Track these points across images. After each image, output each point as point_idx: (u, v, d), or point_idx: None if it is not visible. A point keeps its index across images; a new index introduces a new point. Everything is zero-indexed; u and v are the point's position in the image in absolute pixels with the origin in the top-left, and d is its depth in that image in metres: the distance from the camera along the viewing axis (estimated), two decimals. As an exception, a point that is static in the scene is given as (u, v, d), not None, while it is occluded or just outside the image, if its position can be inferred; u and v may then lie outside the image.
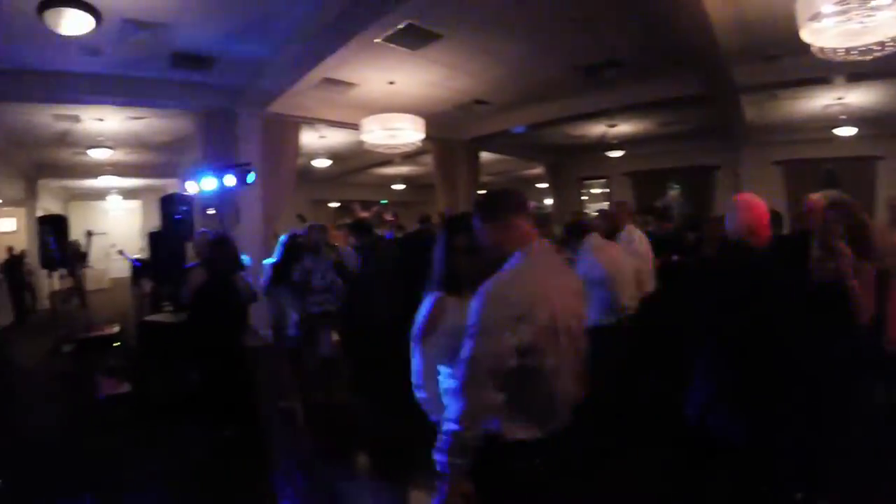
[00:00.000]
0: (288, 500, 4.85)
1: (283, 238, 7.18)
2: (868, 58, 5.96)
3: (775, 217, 5.48)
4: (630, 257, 6.05)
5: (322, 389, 7.04)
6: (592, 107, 11.75)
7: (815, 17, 5.49)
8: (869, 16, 5.39)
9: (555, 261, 2.69)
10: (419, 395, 2.78)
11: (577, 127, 14.16)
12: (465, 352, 2.33)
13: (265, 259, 7.52)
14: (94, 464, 5.33)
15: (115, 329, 9.64)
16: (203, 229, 8.73)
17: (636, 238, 6.78)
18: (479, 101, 11.32)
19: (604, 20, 7.63)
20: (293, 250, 6.98)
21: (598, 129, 14.27)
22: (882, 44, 5.76)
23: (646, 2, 6.77)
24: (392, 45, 7.87)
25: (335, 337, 7.31)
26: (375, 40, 7.55)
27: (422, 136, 9.98)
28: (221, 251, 5.41)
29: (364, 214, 9.71)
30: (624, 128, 14.25)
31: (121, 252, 11.10)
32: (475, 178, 15.09)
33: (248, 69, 8.83)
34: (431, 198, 15.66)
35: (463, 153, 14.49)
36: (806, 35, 5.80)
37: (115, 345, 9.15)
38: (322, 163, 15.50)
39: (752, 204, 3.67)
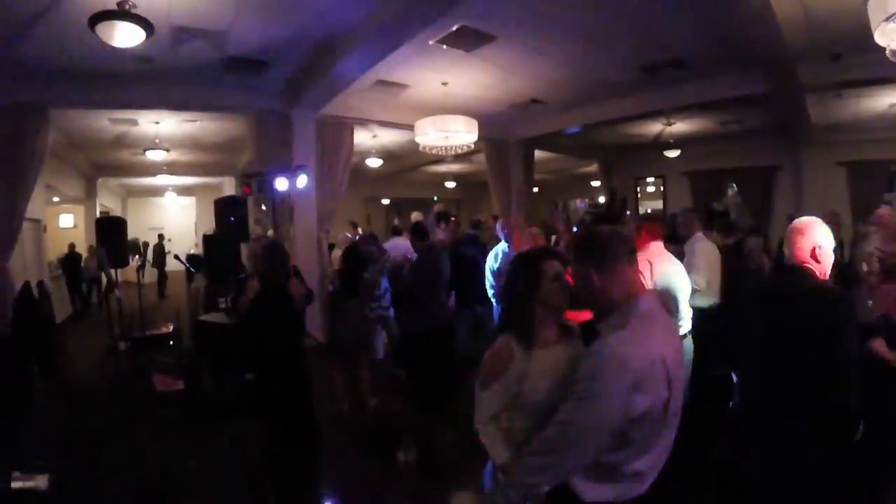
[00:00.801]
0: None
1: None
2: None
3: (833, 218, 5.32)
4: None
5: (375, 394, 7.06)
6: (650, 106, 11.47)
7: (891, 17, 5.27)
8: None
9: (665, 317, 2.38)
10: (481, 437, 2.59)
11: (633, 125, 13.90)
12: (565, 414, 2.14)
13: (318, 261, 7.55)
14: (146, 459, 5.42)
15: (170, 328, 9.79)
16: (257, 232, 8.78)
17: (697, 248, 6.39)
18: (535, 101, 11.16)
19: (665, 19, 7.41)
20: (356, 260, 7.09)
21: (654, 127, 14.01)
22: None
23: (707, 1, 6.56)
24: (445, 47, 7.77)
25: (385, 341, 7.35)
26: (429, 42, 7.48)
27: (475, 137, 9.81)
28: (273, 260, 5.38)
29: (418, 218, 9.61)
30: (681, 126, 13.93)
31: (176, 257, 11.19)
32: (529, 178, 14.93)
33: (302, 72, 8.86)
34: (484, 195, 15.57)
35: (516, 152, 14.38)
36: (879, 37, 5.57)
37: (170, 343, 9.28)
38: (375, 162, 15.65)
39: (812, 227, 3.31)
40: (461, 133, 9.52)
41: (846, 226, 10.08)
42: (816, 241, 3.19)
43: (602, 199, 19.51)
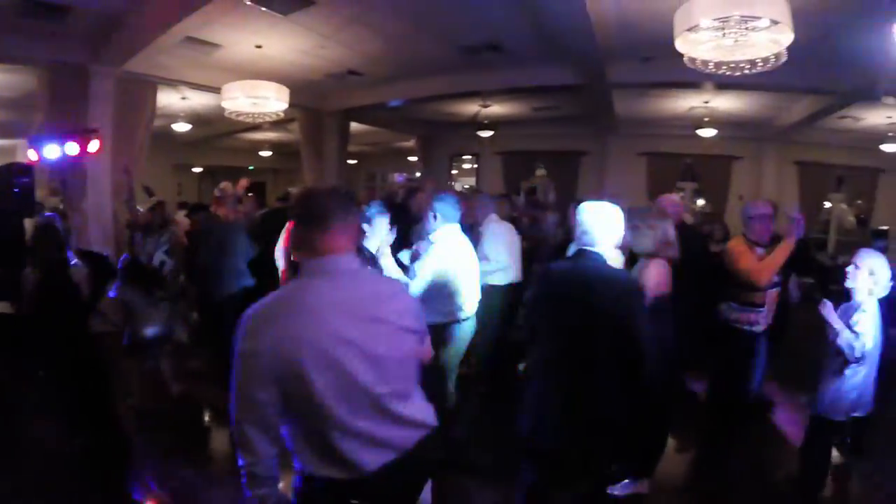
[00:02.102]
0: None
1: None
2: (737, 73, 6.19)
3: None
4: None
5: (177, 381, 6.58)
6: (468, 87, 11.69)
7: (693, 28, 5.61)
8: (744, 35, 5.57)
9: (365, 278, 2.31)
10: None
11: (451, 104, 14.10)
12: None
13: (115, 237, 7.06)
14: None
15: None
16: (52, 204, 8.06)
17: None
18: (352, 72, 10.96)
19: (485, 3, 7.54)
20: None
21: (471, 107, 14.25)
22: (753, 63, 6.00)
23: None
24: (262, 8, 7.40)
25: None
26: (245, 1, 7.09)
27: (285, 105, 9.49)
28: (46, 242, 4.91)
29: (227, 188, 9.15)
30: (497, 108, 14.26)
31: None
32: (344, 149, 14.81)
33: (107, 21, 8.00)
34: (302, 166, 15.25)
35: (332, 123, 14.12)
36: (680, 44, 5.93)
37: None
38: (182, 127, 14.66)
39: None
40: (271, 100, 9.15)
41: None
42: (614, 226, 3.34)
43: (418, 174, 19.72)
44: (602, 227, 3.30)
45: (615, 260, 3.84)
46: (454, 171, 20.24)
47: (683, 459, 5.45)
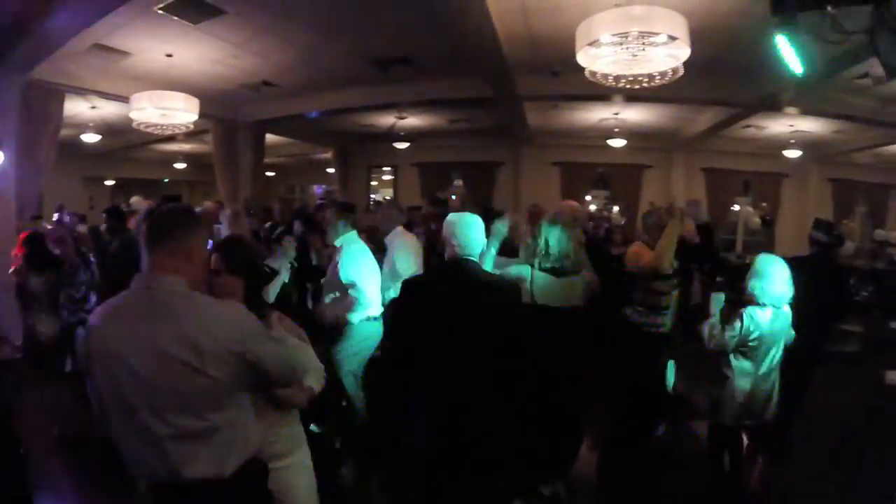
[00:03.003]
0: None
1: None
2: (636, 86, 6.44)
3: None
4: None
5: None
6: (383, 99, 11.81)
7: (594, 43, 5.81)
8: (642, 50, 5.80)
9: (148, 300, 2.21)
10: None
11: (368, 116, 14.22)
12: None
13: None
14: None
15: None
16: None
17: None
18: (266, 83, 10.93)
19: (394, 16, 7.67)
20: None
21: (388, 119, 14.35)
22: (651, 76, 6.25)
23: (432, 5, 6.80)
24: (172, 16, 7.33)
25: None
26: (155, 8, 6.97)
27: (195, 116, 9.37)
28: None
29: (139, 203, 8.93)
30: (413, 120, 14.43)
31: None
32: (260, 161, 14.54)
33: (13, 24, 7.71)
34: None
35: (247, 135, 13.82)
36: (582, 58, 6.14)
37: None
38: (91, 137, 14.03)
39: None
40: (180, 111, 9.03)
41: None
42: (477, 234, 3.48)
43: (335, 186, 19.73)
44: (470, 236, 3.40)
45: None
46: (373, 183, 20.32)
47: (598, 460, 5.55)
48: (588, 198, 17.51)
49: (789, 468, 5.38)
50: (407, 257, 6.21)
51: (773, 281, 4.15)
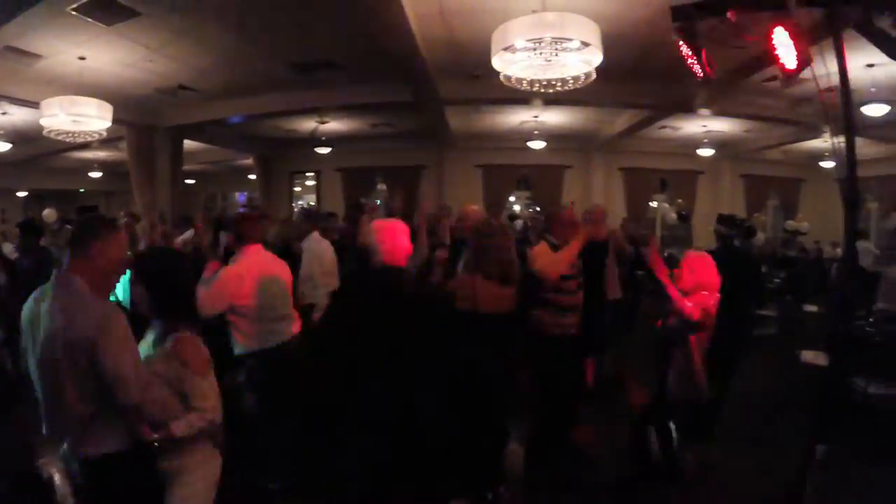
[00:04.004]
0: None
1: None
2: (550, 91, 6.58)
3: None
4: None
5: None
6: (304, 104, 11.86)
7: (509, 48, 5.91)
8: (556, 55, 5.92)
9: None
10: None
11: (289, 121, 14.14)
12: None
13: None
14: None
15: None
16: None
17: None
18: (183, 87, 10.72)
19: (312, 20, 7.68)
20: None
21: (310, 124, 14.31)
22: (564, 81, 6.40)
23: (350, 9, 6.87)
24: (85, 18, 7.13)
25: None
26: (68, 9, 6.79)
27: (108, 123, 9.08)
28: None
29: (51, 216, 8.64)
30: (335, 125, 14.44)
31: None
32: (178, 168, 14.12)
33: None
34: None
35: (164, 141, 13.41)
36: (497, 63, 6.24)
37: None
38: (1, 146, 13.43)
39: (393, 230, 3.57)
40: (93, 118, 8.74)
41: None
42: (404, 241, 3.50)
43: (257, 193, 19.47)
44: (393, 243, 3.43)
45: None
46: (297, 189, 20.13)
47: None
48: (512, 199, 17.84)
49: (714, 447, 5.60)
50: (322, 264, 6.17)
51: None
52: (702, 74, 3.91)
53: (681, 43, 3.72)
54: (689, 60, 3.80)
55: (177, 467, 2.75)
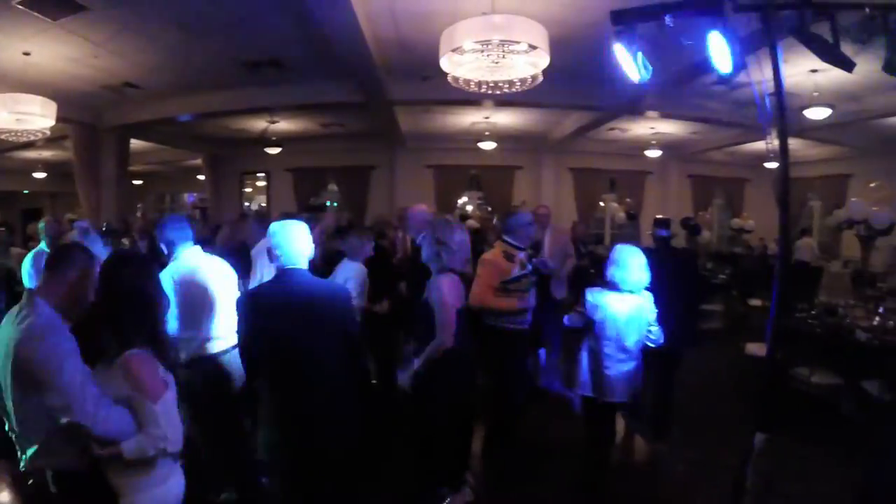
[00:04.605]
0: None
1: None
2: (498, 92, 6.66)
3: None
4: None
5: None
6: (254, 103, 11.74)
7: (457, 49, 5.97)
8: (503, 57, 6.00)
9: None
10: None
11: (239, 120, 14.01)
12: None
13: None
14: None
15: None
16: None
17: None
18: (129, 85, 10.53)
19: (263, 18, 7.65)
20: None
21: (259, 124, 14.24)
22: (511, 83, 6.49)
23: (299, 7, 6.83)
24: (30, 11, 6.98)
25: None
26: (13, 2, 6.67)
27: (52, 122, 8.87)
28: None
29: None
30: (285, 125, 14.42)
31: None
32: (124, 168, 13.76)
33: None
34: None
35: (110, 140, 13.12)
36: (445, 64, 6.30)
37: None
38: None
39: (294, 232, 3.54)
40: (36, 116, 8.52)
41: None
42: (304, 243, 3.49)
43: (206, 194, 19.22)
44: (295, 244, 3.42)
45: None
46: (248, 189, 20.00)
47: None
48: (464, 199, 17.97)
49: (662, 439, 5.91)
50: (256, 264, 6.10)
51: (630, 269, 4.50)
52: (638, 78, 3.98)
53: (618, 46, 3.79)
54: (626, 64, 3.87)
55: (130, 485, 2.61)
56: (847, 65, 3.39)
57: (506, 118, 13.85)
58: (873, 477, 2.99)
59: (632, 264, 4.49)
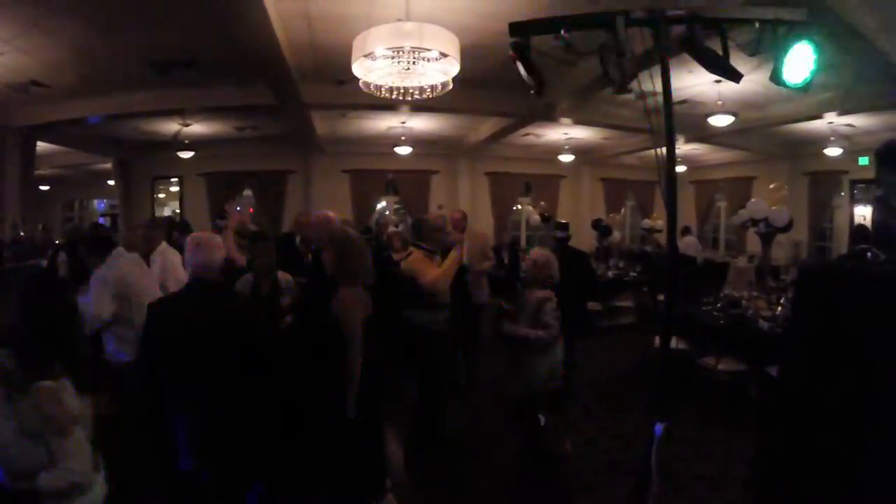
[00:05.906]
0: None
1: None
2: (409, 98, 6.78)
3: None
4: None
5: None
6: (164, 104, 11.47)
7: (369, 55, 6.05)
8: (414, 64, 6.11)
9: None
10: None
11: (151, 123, 13.65)
12: None
13: None
14: None
15: None
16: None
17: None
18: (36, 83, 10.17)
19: (174, 17, 7.52)
20: None
21: (172, 126, 13.91)
22: (422, 89, 6.61)
23: (210, 6, 6.76)
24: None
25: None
26: None
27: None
28: None
29: None
30: (199, 128, 14.09)
31: None
32: (29, 172, 13.22)
33: None
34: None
35: (14, 142, 12.47)
36: (356, 69, 6.37)
37: None
38: None
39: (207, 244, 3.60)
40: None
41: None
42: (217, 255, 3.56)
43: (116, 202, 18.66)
44: (204, 256, 3.49)
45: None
46: (161, 195, 19.44)
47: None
48: (382, 204, 18.01)
49: (576, 430, 6.27)
50: (177, 273, 6.03)
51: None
52: (535, 90, 4.10)
53: (515, 57, 3.87)
54: (524, 75, 3.96)
55: None
56: (735, 76, 3.57)
57: (422, 123, 14.04)
58: (762, 444, 3.20)
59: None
